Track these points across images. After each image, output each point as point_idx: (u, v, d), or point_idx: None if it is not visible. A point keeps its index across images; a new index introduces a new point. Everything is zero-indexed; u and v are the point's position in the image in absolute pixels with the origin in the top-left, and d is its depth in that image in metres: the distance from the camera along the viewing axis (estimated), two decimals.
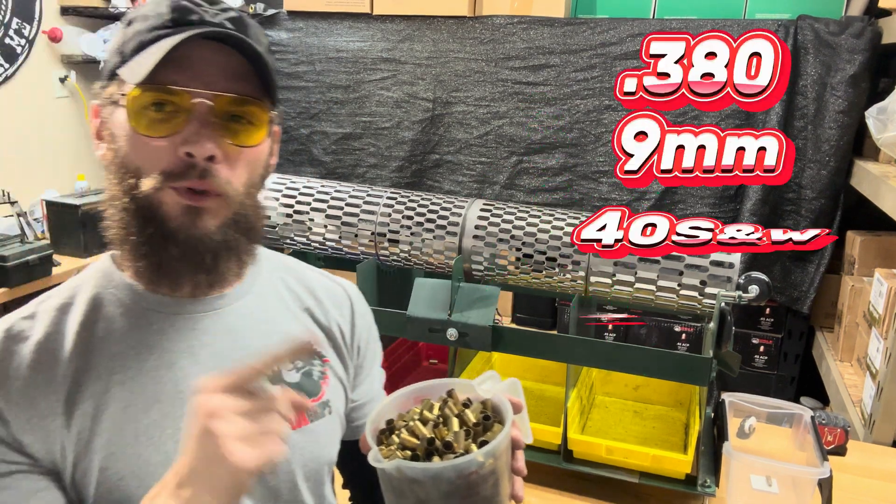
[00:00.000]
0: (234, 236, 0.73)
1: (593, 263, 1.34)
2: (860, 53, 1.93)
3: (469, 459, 0.61)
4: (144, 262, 0.71)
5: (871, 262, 1.89)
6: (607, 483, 1.34)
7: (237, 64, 0.70)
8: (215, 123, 0.68)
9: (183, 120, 0.68)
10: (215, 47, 0.69)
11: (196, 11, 0.69)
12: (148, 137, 0.68)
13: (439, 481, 0.61)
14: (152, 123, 0.68)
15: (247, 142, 0.71)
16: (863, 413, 1.62)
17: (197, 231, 0.70)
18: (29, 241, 2.55)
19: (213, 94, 0.68)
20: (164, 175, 0.68)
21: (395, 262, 1.53)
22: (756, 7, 2.14)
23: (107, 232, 0.73)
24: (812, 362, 2.16)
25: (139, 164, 0.69)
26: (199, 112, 0.68)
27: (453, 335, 1.36)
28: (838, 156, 2.00)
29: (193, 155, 0.67)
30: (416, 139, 2.41)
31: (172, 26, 0.68)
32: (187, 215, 0.69)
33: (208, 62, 0.69)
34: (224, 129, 0.69)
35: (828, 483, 1.14)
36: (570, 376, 1.37)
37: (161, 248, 0.70)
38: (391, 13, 2.38)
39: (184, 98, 0.67)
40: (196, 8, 0.70)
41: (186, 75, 0.68)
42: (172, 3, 0.69)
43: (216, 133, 0.68)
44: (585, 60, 2.19)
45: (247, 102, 0.70)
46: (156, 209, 0.69)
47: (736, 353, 1.28)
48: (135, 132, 0.68)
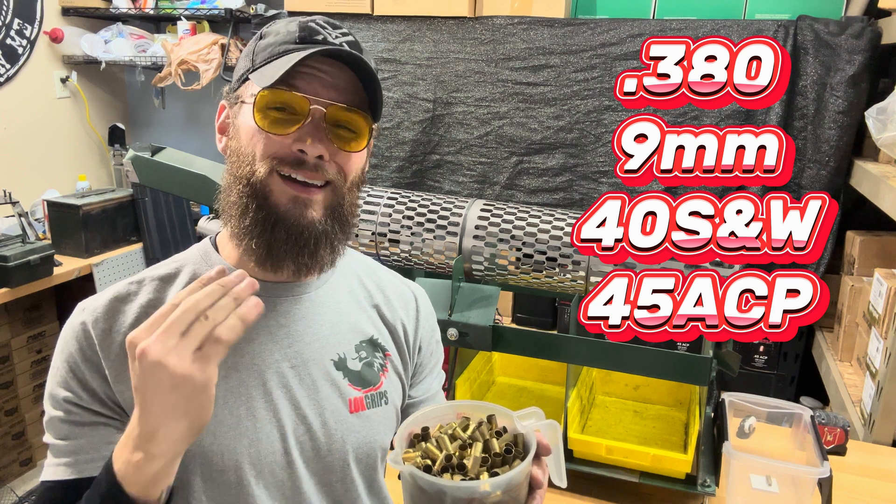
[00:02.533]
0: (331, 226, 0.82)
1: (593, 263, 1.35)
2: (860, 54, 1.93)
3: (472, 486, 0.63)
4: (256, 241, 0.80)
5: (871, 262, 1.89)
6: (607, 483, 1.34)
7: (350, 80, 0.80)
8: (326, 128, 0.79)
9: (300, 122, 0.78)
10: (333, 64, 0.79)
11: (321, 32, 0.80)
12: (268, 133, 0.78)
13: (442, 498, 0.63)
14: (274, 122, 0.78)
15: (351, 147, 0.81)
16: (862, 413, 1.62)
17: (304, 220, 0.79)
18: (30, 241, 2.56)
19: (327, 102, 0.79)
20: (276, 161, 0.78)
21: (395, 262, 1.54)
22: (756, 7, 2.14)
23: (222, 217, 0.83)
24: (812, 362, 2.16)
25: (256, 154, 0.79)
26: (314, 116, 0.78)
27: (454, 335, 1.37)
28: (838, 156, 2.00)
29: (305, 152, 0.77)
30: (417, 139, 2.42)
31: (300, 43, 0.79)
32: (295, 204, 0.79)
33: (327, 76, 0.79)
34: (333, 133, 0.79)
35: (828, 483, 1.14)
36: (570, 376, 1.37)
37: (271, 231, 0.79)
38: (391, 14, 2.39)
39: (303, 103, 0.78)
40: (321, 30, 0.81)
41: (307, 84, 0.78)
42: (301, 23, 0.81)
43: (326, 136, 0.79)
44: (585, 61, 2.19)
45: (354, 112, 0.80)
46: (267, 195, 0.78)
47: (736, 353, 1.28)
48: (258, 128, 0.78)
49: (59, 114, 3.23)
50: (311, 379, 0.85)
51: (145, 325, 0.65)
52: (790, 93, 2.00)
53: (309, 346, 0.86)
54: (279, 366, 0.83)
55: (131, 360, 0.64)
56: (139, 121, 3.62)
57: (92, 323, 0.79)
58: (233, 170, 0.81)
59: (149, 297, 0.82)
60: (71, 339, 0.79)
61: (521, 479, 0.66)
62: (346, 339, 0.89)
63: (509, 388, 1.71)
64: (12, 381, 2.74)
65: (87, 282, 2.79)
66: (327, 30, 0.81)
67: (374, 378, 0.89)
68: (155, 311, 0.78)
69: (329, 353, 0.87)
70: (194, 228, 3.05)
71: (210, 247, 0.88)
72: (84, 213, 2.75)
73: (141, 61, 3.13)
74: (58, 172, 3.23)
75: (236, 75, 0.85)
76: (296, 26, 0.81)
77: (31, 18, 3.03)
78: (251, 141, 0.79)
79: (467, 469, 0.65)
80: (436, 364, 1.03)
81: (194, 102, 3.39)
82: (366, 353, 0.90)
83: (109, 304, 0.81)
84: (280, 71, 0.75)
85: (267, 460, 0.81)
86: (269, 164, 0.78)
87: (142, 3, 3.11)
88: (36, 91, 3.10)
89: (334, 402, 0.85)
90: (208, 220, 1.75)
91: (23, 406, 2.80)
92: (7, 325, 2.69)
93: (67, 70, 3.21)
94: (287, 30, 0.81)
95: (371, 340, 0.91)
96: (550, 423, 0.72)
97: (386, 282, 0.98)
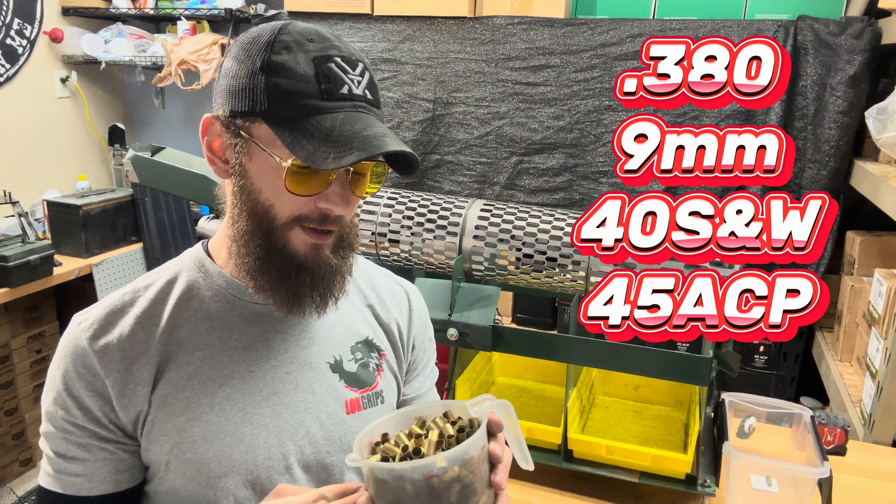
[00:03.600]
0: (342, 254, 0.82)
1: (593, 263, 1.35)
2: (860, 54, 1.93)
3: (427, 462, 0.64)
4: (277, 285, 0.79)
5: (871, 262, 1.89)
6: (607, 483, 1.34)
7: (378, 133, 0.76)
8: (349, 181, 0.77)
9: (326, 183, 0.76)
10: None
11: (345, 82, 0.74)
12: (294, 195, 0.75)
13: (402, 482, 0.64)
14: (300, 182, 0.75)
15: (367, 192, 0.81)
16: (862, 413, 1.62)
17: (322, 262, 0.79)
18: (30, 241, 2.56)
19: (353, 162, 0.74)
20: (297, 220, 0.77)
21: (395, 262, 1.54)
22: (756, 7, 2.14)
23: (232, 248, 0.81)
24: (812, 362, 2.16)
25: (277, 208, 0.77)
26: (341, 176, 0.76)
27: (454, 335, 1.37)
28: (838, 156, 2.00)
29: (331, 212, 0.77)
30: (417, 139, 2.42)
31: (323, 99, 0.73)
32: (313, 250, 0.79)
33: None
34: (353, 183, 0.78)
35: (828, 483, 1.14)
36: (570, 376, 1.37)
37: (294, 278, 0.78)
38: (392, 14, 2.39)
39: None
40: (344, 77, 0.74)
41: None
42: (317, 66, 0.73)
43: (348, 189, 0.77)
44: (585, 61, 2.19)
45: (379, 165, 0.79)
46: (284, 243, 0.78)
47: (736, 353, 1.28)
48: (285, 188, 0.75)
49: (59, 114, 3.23)
50: (308, 383, 0.85)
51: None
52: (790, 93, 2.00)
53: (305, 350, 0.86)
54: (275, 372, 0.83)
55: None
56: (139, 121, 3.62)
57: (88, 340, 0.79)
58: (244, 210, 0.78)
59: (144, 308, 0.82)
60: (67, 355, 0.79)
61: (477, 453, 0.66)
62: (343, 340, 0.90)
63: (509, 388, 1.71)
64: (12, 381, 2.74)
65: (87, 282, 2.79)
66: (349, 74, 0.75)
67: (370, 378, 0.90)
68: (150, 323, 0.81)
69: (325, 355, 0.87)
70: (194, 228, 3.05)
71: (204, 255, 0.86)
72: (84, 213, 2.75)
73: (141, 61, 3.13)
74: (58, 172, 3.23)
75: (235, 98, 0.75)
76: (311, 68, 0.73)
77: (31, 18, 3.03)
78: (272, 192, 0.76)
79: (423, 454, 0.66)
80: (428, 361, 1.03)
81: (194, 102, 3.39)
82: (361, 354, 0.90)
83: (105, 318, 0.80)
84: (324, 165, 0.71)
85: (264, 466, 0.81)
86: (294, 219, 0.77)
87: (142, 3, 3.11)
88: (36, 91, 3.10)
89: (331, 404, 0.86)
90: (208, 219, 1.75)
91: (23, 406, 2.80)
92: (7, 325, 2.69)
93: (67, 70, 3.21)
94: (303, 71, 0.73)
95: (367, 341, 0.92)
96: (502, 402, 0.72)
97: (380, 282, 0.98)
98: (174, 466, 0.79)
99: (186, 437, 0.78)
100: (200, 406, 0.79)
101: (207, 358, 0.81)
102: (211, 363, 0.81)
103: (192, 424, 0.79)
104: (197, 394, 0.80)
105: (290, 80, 0.73)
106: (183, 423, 0.79)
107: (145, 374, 0.79)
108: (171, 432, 0.78)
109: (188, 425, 0.79)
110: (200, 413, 0.79)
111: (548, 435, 1.37)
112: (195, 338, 0.81)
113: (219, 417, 0.80)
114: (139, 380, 0.78)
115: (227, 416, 0.80)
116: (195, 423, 0.79)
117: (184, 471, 0.79)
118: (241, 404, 0.81)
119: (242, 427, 0.80)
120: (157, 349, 0.80)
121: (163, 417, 0.78)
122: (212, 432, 0.79)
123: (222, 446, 0.79)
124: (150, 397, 0.79)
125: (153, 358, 0.79)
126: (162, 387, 0.79)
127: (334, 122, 0.73)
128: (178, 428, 0.78)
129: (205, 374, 0.80)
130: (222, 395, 0.80)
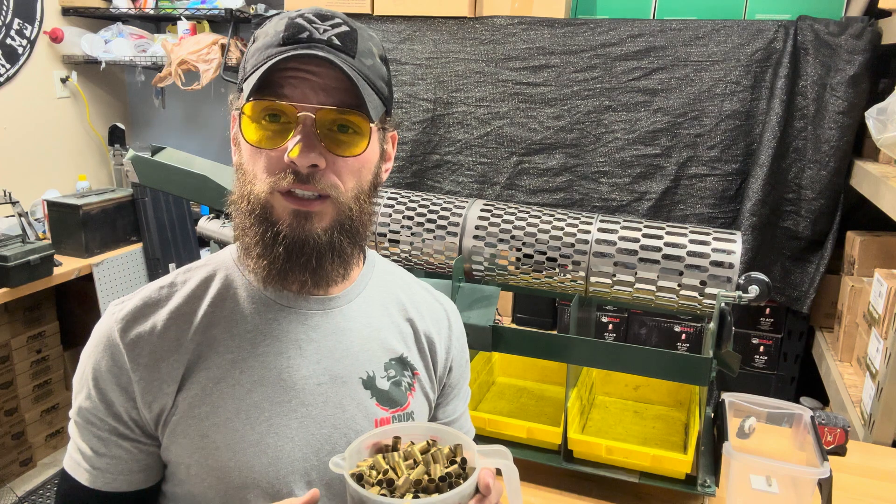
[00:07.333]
0: (338, 239, 0.77)
1: (593, 263, 1.35)
2: (860, 54, 1.93)
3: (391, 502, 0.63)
4: (258, 262, 0.77)
5: (871, 262, 1.89)
6: (607, 483, 1.34)
7: (339, 78, 0.73)
8: (319, 134, 0.73)
9: (290, 131, 0.72)
10: (321, 63, 0.72)
11: (307, 29, 0.74)
12: (258, 148, 0.74)
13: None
14: (264, 135, 0.73)
15: (349, 152, 0.75)
16: (863, 413, 1.62)
17: (304, 233, 0.75)
18: (30, 241, 2.56)
19: (315, 108, 0.72)
20: (272, 181, 0.74)
21: (395, 262, 1.54)
22: (756, 7, 2.14)
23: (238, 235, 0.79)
24: (812, 362, 2.16)
25: (255, 171, 0.75)
26: (305, 124, 0.72)
27: None
28: (838, 156, 2.00)
29: (296, 163, 0.72)
30: (417, 139, 2.42)
31: (283, 44, 0.73)
32: (296, 219, 0.75)
33: (316, 77, 0.73)
34: (329, 139, 0.74)
35: (828, 483, 1.14)
36: (570, 376, 1.37)
37: (271, 248, 0.76)
38: (392, 14, 2.39)
39: (290, 111, 0.72)
40: (308, 25, 0.74)
41: (294, 90, 0.73)
42: (288, 21, 0.74)
43: (320, 143, 0.73)
44: (586, 61, 2.19)
45: (348, 114, 0.74)
46: (268, 213, 0.75)
47: (736, 353, 1.28)
48: (247, 142, 0.74)
49: (59, 114, 3.23)
50: (338, 398, 0.82)
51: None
52: (790, 93, 2.00)
53: (338, 363, 0.83)
54: (306, 382, 0.81)
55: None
56: (139, 121, 3.62)
57: (120, 332, 0.77)
58: (238, 185, 0.78)
59: (179, 304, 0.80)
60: (99, 345, 0.78)
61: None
62: (377, 356, 0.86)
63: (509, 388, 1.71)
64: (12, 381, 2.74)
65: (87, 282, 2.79)
66: (315, 24, 0.74)
67: (402, 398, 0.86)
68: (184, 321, 0.79)
69: (358, 370, 0.84)
70: (194, 228, 3.05)
71: None
72: (84, 213, 2.75)
73: (141, 61, 3.13)
74: (58, 172, 3.23)
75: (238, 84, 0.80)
76: (283, 25, 0.74)
77: (31, 18, 3.03)
78: (251, 158, 0.76)
79: (396, 487, 0.65)
80: (464, 384, 1.01)
81: (194, 102, 3.39)
82: (395, 372, 0.87)
83: (140, 311, 0.79)
84: (253, 80, 0.71)
85: (286, 480, 0.78)
86: (269, 182, 0.74)
87: (142, 3, 3.11)
88: (36, 91, 3.10)
89: (360, 422, 0.83)
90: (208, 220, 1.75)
91: (23, 406, 2.80)
92: (7, 325, 2.69)
93: (67, 70, 3.21)
94: (275, 30, 0.75)
95: (401, 358, 0.88)
96: (510, 466, 0.70)
97: (419, 297, 0.95)
98: (195, 471, 0.77)
99: (209, 442, 0.77)
100: (227, 411, 0.77)
101: (238, 361, 0.79)
102: (241, 367, 0.79)
103: (216, 430, 0.77)
104: (224, 398, 0.78)
105: (260, 40, 0.76)
106: (207, 427, 0.77)
107: (173, 373, 0.77)
108: (195, 435, 0.77)
109: (212, 430, 0.77)
110: (226, 419, 0.77)
111: (548, 435, 1.37)
112: (227, 339, 0.79)
113: (244, 425, 0.77)
114: (166, 377, 0.77)
115: (253, 425, 0.78)
116: (219, 429, 0.77)
117: (203, 477, 0.77)
118: (268, 413, 0.78)
119: (267, 437, 0.78)
120: (189, 348, 0.78)
121: (187, 419, 0.77)
122: (236, 440, 0.77)
123: (245, 456, 0.77)
124: (176, 397, 0.77)
125: (183, 357, 0.78)
126: (189, 387, 0.77)
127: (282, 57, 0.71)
128: (202, 432, 0.77)
129: (234, 378, 0.78)
130: (249, 402, 0.78)
